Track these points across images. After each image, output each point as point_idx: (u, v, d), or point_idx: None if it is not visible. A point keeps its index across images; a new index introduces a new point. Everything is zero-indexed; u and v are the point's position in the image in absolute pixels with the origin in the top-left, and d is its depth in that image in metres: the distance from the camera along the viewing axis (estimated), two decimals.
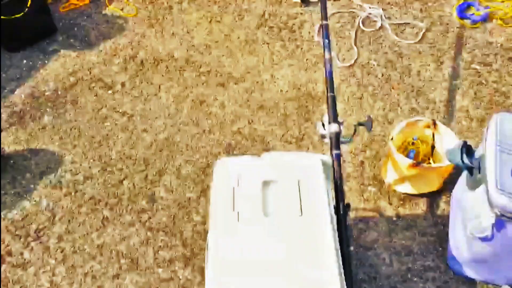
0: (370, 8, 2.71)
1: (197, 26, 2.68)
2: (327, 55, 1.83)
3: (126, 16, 2.72)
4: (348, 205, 1.55)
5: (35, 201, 1.93)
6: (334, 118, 1.70)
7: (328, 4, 2.76)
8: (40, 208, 1.90)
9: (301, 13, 2.73)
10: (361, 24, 2.62)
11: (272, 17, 2.71)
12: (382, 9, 2.69)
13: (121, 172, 2.02)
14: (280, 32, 2.62)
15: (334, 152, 1.61)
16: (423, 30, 2.54)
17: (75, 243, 1.80)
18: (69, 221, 1.87)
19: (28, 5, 2.40)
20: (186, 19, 2.72)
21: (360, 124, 1.68)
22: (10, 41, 2.50)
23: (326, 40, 1.85)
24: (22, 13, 2.39)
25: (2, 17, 2.35)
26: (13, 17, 2.37)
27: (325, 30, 1.87)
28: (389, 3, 2.75)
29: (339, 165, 1.58)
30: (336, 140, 1.65)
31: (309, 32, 2.61)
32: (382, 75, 2.36)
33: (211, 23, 2.69)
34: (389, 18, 2.66)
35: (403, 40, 2.51)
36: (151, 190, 1.96)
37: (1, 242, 1.81)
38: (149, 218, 1.87)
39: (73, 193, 1.95)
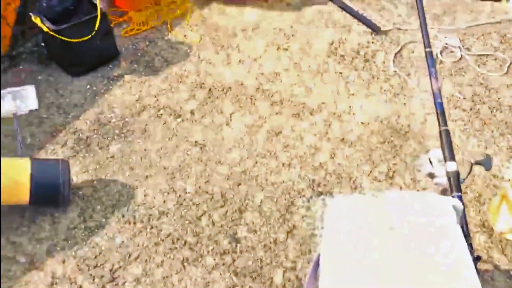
0: (446, 38, 2.59)
1: (264, 53, 2.56)
2: (434, 86, 1.69)
3: (190, 43, 2.63)
4: (478, 258, 1.37)
5: (108, 237, 1.77)
6: (451, 155, 1.53)
7: (400, 33, 2.66)
8: (114, 245, 1.75)
9: (372, 42, 2.61)
10: (439, 55, 2.49)
11: (342, 46, 2.59)
12: (459, 39, 2.57)
13: (198, 207, 1.87)
14: (352, 61, 2.50)
15: (456, 194, 1.45)
16: (508, 63, 2.40)
17: (154, 287, 1.64)
18: (146, 261, 1.70)
19: (96, 28, 2.31)
20: (252, 46, 2.61)
21: (477, 162, 1.52)
22: (73, 66, 2.41)
23: (433, 69, 1.71)
24: (89, 36, 2.31)
25: (68, 39, 2.26)
26: (80, 40, 2.29)
27: (429, 58, 1.74)
28: (465, 33, 2.62)
29: (463, 209, 1.42)
30: (457, 181, 1.49)
31: (384, 62, 2.48)
32: (471, 109, 2.21)
33: (279, 50, 2.58)
34: (467, 49, 2.52)
35: (487, 72, 2.37)
36: (233, 229, 1.80)
37: (74, 282, 1.65)
38: (234, 260, 1.70)
39: (148, 229, 1.79)
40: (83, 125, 2.19)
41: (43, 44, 2.55)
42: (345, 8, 2.80)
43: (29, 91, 2.29)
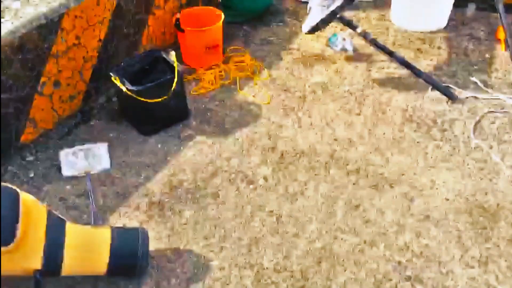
0: None
1: (336, 118, 2.50)
2: None
3: (260, 103, 2.60)
4: None
5: None
6: None
7: (477, 102, 2.56)
8: None
9: (449, 110, 2.52)
10: None
11: (417, 113, 2.50)
12: None
13: (278, 286, 1.76)
14: (429, 130, 2.40)
15: None
16: None
17: None
18: None
19: (173, 89, 2.31)
20: (323, 109, 2.56)
21: None
22: (146, 124, 2.40)
23: None
24: (166, 96, 2.31)
25: (146, 100, 2.26)
26: (156, 100, 2.28)
27: None
28: None
29: None
30: None
31: (463, 133, 2.37)
32: None
33: (351, 115, 2.51)
34: None
35: None
36: None
37: None
38: None
39: None
40: (155, 187, 2.15)
41: (113, 99, 2.59)
42: (417, 73, 2.73)
43: (102, 149, 2.29)
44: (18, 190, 1.56)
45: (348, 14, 3.22)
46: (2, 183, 1.55)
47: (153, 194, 2.11)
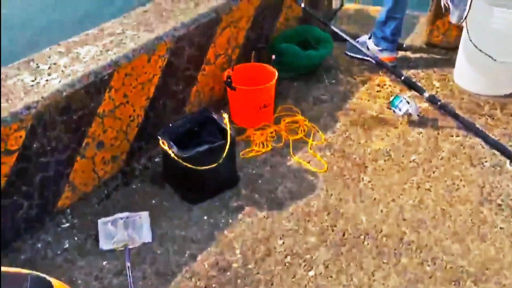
0: None
1: (403, 193, 2.22)
2: None
3: (316, 171, 2.36)
4: None
5: None
6: None
7: None
8: None
9: None
10: None
11: (496, 191, 2.20)
12: None
13: None
14: None
15: None
16: None
17: None
18: None
19: (225, 155, 2.11)
20: (387, 182, 2.28)
21: None
22: (191, 192, 2.18)
23: None
24: (216, 163, 2.10)
25: (194, 166, 2.06)
26: (206, 168, 2.08)
27: None
28: None
29: None
30: None
31: None
32: None
33: (419, 190, 2.23)
34: None
35: None
36: None
37: None
38: None
39: None
40: (200, 268, 1.90)
41: (156, 160, 2.40)
42: (492, 143, 2.44)
43: (143, 219, 2.07)
44: (51, 281, 1.34)
45: (406, 73, 3.01)
46: (35, 272, 1.34)
47: (199, 276, 1.86)
